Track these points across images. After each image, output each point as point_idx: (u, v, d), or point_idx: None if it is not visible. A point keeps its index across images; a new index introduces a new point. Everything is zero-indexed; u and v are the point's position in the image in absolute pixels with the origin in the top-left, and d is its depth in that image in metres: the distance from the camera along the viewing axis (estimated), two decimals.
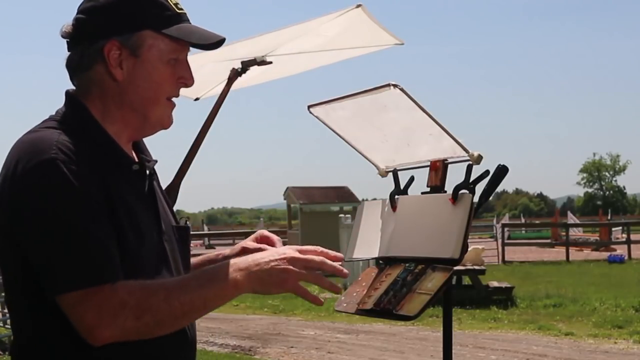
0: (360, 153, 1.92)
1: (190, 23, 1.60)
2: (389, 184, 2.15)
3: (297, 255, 1.47)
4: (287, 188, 20.89)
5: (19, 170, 1.42)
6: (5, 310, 9.19)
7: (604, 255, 21.16)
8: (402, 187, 2.06)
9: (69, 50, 1.58)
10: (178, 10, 1.57)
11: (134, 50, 1.53)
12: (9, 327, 8.89)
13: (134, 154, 1.64)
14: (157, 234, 1.57)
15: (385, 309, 1.77)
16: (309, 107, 1.89)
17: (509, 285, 11.86)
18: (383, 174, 2.03)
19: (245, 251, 1.72)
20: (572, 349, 8.01)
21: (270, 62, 4.55)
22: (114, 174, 1.50)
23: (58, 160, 1.41)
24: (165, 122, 1.62)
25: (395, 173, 2.11)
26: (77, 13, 1.58)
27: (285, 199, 21.19)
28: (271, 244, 1.73)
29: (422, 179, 2.08)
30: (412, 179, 2.08)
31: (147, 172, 1.61)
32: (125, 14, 1.53)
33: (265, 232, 1.79)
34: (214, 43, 1.57)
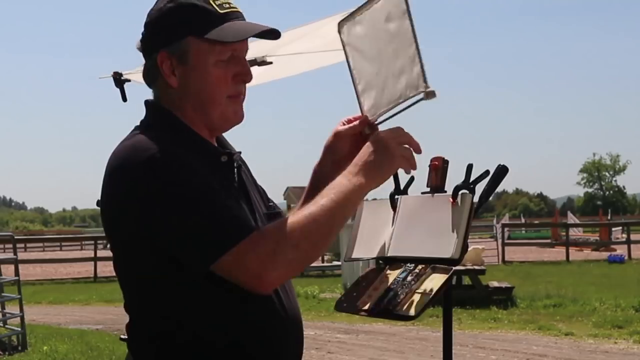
0: (358, 98, 1.80)
1: (238, 20, 1.63)
2: (389, 184, 2.16)
3: (389, 135, 1.61)
4: (287, 188, 20.91)
5: (131, 174, 1.52)
6: (6, 310, 9.17)
7: (604, 255, 21.17)
8: (402, 187, 2.06)
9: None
10: (221, 11, 1.61)
11: (182, 58, 1.61)
12: (9, 327, 8.89)
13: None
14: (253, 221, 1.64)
15: (385, 309, 1.78)
16: (339, 23, 1.79)
17: (509, 285, 11.86)
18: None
19: (337, 136, 1.79)
20: (572, 349, 8.02)
21: (271, 63, 4.55)
22: (206, 167, 1.59)
23: (162, 151, 1.51)
24: (230, 119, 1.68)
25: (395, 173, 2.11)
26: None
27: (285, 198, 21.21)
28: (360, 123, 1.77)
29: (422, 179, 2.08)
30: (412, 179, 2.08)
31: (235, 163, 1.69)
32: (169, 25, 1.61)
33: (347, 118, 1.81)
34: (258, 34, 1.62)
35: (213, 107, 1.63)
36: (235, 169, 1.69)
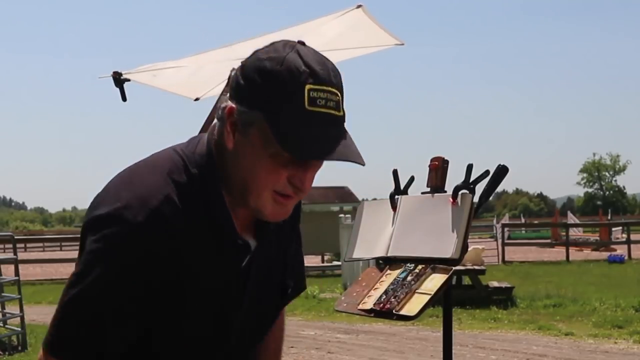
0: None
1: (323, 129, 1.33)
2: (389, 184, 2.16)
3: None
4: None
5: (100, 208, 1.38)
6: (6, 310, 9.18)
7: (604, 255, 21.17)
8: (402, 187, 2.06)
9: None
10: (309, 107, 1.31)
11: (245, 126, 1.36)
12: (9, 327, 8.90)
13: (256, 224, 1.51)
14: (228, 312, 1.49)
15: (385, 309, 1.78)
16: None
17: (509, 285, 11.86)
18: None
19: None
20: (572, 349, 8.01)
21: None
22: (208, 247, 1.43)
23: (130, 225, 1.34)
24: (266, 214, 1.42)
25: (395, 173, 2.11)
26: None
27: None
28: None
29: (422, 179, 2.08)
30: (412, 179, 2.08)
31: (250, 249, 1.49)
32: (252, 84, 1.35)
33: None
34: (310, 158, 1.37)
35: (251, 195, 1.40)
36: (249, 256, 1.49)
